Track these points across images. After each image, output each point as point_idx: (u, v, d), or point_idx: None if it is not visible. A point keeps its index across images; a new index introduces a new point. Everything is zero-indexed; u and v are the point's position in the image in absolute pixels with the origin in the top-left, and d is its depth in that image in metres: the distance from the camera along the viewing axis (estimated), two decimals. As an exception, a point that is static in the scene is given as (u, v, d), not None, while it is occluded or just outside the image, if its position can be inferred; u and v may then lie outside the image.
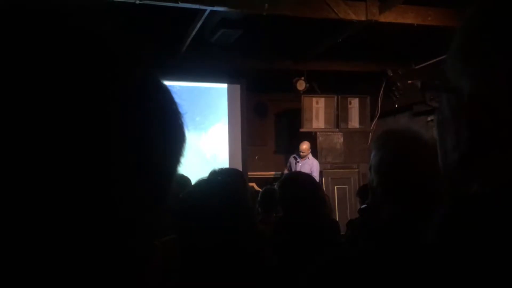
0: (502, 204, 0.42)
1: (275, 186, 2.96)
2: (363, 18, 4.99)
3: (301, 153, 6.91)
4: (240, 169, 5.82)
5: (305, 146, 6.90)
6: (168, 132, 0.36)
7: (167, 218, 0.44)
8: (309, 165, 6.79)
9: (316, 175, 6.33)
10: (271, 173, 7.67)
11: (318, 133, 7.23)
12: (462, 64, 0.48)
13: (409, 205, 1.23)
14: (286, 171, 6.88)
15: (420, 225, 0.50)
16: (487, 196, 0.44)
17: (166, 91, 0.37)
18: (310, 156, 6.93)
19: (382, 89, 7.15)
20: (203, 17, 5.04)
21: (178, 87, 0.38)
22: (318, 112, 7.35)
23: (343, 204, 6.76)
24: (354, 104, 7.49)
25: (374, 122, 7.38)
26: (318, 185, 2.76)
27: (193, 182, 1.55)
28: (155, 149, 0.35)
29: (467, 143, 0.47)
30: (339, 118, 7.37)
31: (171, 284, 1.34)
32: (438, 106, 0.51)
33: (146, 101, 0.35)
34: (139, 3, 4.34)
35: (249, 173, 7.04)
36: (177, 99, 0.38)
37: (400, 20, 5.10)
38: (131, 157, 0.33)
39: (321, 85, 7.64)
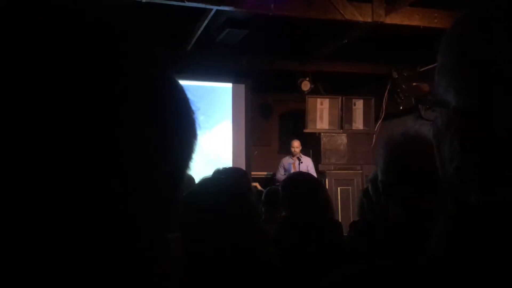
0: (501, 216, 0.43)
1: (279, 186, 2.96)
2: (369, 20, 4.97)
3: (296, 150, 6.87)
4: (244, 168, 5.82)
5: (299, 143, 6.90)
6: (180, 130, 0.36)
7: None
8: (306, 165, 6.76)
9: (313, 173, 6.26)
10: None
11: (322, 134, 7.21)
12: (447, 78, 0.49)
13: (412, 207, 1.23)
14: (282, 173, 6.82)
15: (424, 228, 0.50)
16: (486, 207, 0.45)
17: (179, 88, 0.37)
18: (301, 155, 6.90)
19: (387, 91, 7.13)
20: (209, 17, 5.04)
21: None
22: (322, 113, 7.34)
23: (346, 206, 6.74)
24: (359, 105, 7.47)
25: (378, 124, 7.37)
26: (321, 185, 2.75)
27: (196, 180, 1.56)
28: (167, 147, 0.35)
29: (460, 155, 0.48)
30: (343, 119, 7.35)
31: (174, 283, 1.34)
32: (433, 119, 0.52)
33: (159, 98, 0.35)
34: (145, 2, 4.35)
35: (252, 173, 7.04)
36: (190, 96, 0.38)
37: (407, 22, 5.08)
38: (141, 154, 0.33)
39: (326, 86, 7.63)
